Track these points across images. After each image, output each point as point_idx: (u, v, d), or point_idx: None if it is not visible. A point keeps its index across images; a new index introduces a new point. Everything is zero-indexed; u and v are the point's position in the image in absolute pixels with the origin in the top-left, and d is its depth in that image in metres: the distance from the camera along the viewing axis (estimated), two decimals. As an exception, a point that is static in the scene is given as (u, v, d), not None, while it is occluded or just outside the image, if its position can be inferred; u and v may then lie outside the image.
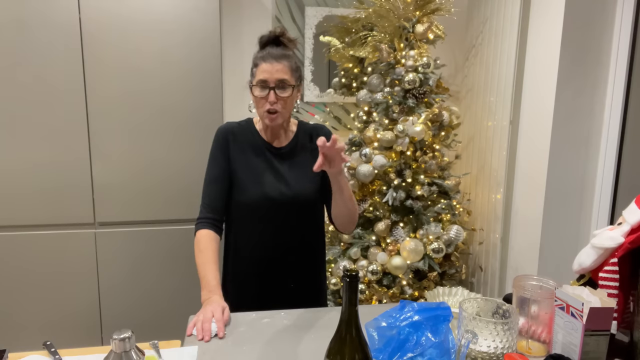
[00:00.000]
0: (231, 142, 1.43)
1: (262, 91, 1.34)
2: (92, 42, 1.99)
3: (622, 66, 1.95)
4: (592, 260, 1.09)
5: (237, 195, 1.42)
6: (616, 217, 2.02)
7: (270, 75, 1.32)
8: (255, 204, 1.39)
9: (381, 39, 2.27)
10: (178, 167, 2.14)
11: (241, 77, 2.58)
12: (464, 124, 2.70)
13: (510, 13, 2.25)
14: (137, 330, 2.13)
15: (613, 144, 2.00)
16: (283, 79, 1.33)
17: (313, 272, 1.51)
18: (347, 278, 0.76)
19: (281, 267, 1.43)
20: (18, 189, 2.04)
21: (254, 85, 1.36)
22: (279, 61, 1.33)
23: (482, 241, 2.55)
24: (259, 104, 1.36)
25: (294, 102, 1.41)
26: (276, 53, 1.35)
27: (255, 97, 1.36)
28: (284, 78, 1.33)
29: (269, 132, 1.44)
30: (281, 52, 1.37)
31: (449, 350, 0.94)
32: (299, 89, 1.42)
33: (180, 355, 1.05)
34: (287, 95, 1.35)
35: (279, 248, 1.43)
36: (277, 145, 1.45)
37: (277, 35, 1.40)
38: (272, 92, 1.33)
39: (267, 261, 1.42)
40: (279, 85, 1.33)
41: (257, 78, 1.35)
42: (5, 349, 1.05)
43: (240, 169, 1.42)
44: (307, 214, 1.45)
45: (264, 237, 1.42)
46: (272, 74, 1.32)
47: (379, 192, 2.26)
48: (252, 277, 1.43)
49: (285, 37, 1.41)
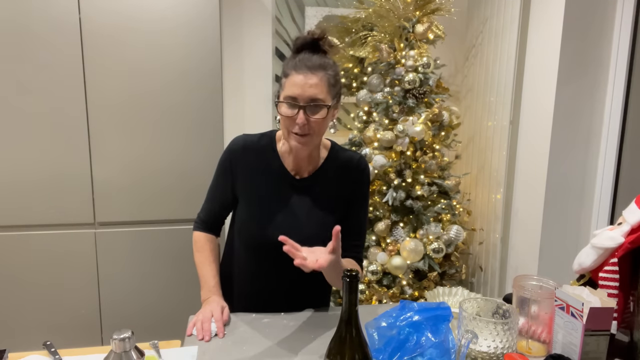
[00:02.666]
0: (242, 162, 1.23)
1: (291, 109, 1.11)
2: (92, 42, 1.99)
3: (622, 66, 1.95)
4: (592, 260, 1.09)
5: (239, 225, 1.28)
6: (616, 217, 2.02)
7: (301, 92, 1.08)
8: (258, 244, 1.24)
9: (381, 39, 2.27)
10: (178, 167, 2.13)
11: (241, 77, 2.58)
12: (464, 124, 2.70)
13: (510, 13, 2.25)
14: (137, 330, 2.12)
15: (613, 144, 2.00)
16: (317, 98, 1.09)
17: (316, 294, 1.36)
18: (347, 278, 0.76)
19: (282, 298, 1.31)
20: (18, 189, 2.04)
21: (281, 101, 1.12)
22: (314, 73, 1.09)
23: (482, 241, 2.55)
24: (285, 123, 1.13)
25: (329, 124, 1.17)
26: (312, 62, 1.11)
27: (281, 115, 1.13)
28: (318, 97, 1.09)
29: (293, 156, 1.22)
30: (318, 60, 1.12)
31: (449, 350, 0.94)
32: (336, 107, 1.18)
33: (180, 355, 1.05)
34: (320, 117, 1.11)
35: (281, 282, 1.29)
36: (299, 175, 1.24)
37: (315, 39, 1.15)
38: (302, 113, 1.09)
39: (268, 292, 1.31)
40: (311, 105, 1.10)
41: (285, 92, 1.11)
42: (5, 349, 1.05)
43: (246, 201, 1.24)
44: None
45: (265, 272, 1.29)
46: (304, 89, 1.08)
47: (379, 192, 2.26)
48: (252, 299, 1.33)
49: (326, 41, 1.16)
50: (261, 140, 1.26)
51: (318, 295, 1.37)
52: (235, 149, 1.25)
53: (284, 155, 1.24)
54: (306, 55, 1.13)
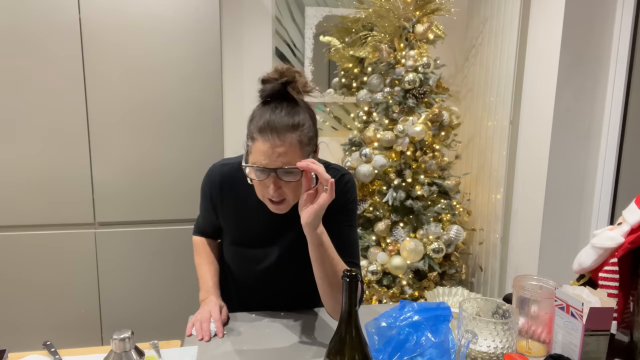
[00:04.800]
0: (222, 194, 1.18)
1: (261, 174, 0.99)
2: (92, 42, 1.99)
3: (622, 66, 1.95)
4: (592, 260, 1.09)
5: (226, 256, 1.28)
6: (616, 217, 2.02)
7: (269, 161, 0.97)
8: (246, 278, 1.27)
9: (381, 39, 2.27)
10: (178, 167, 2.13)
11: (241, 77, 2.57)
12: (464, 124, 2.70)
13: (510, 13, 2.25)
14: (137, 330, 2.13)
15: (613, 144, 2.00)
16: (288, 164, 0.97)
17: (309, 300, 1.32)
18: (347, 278, 0.76)
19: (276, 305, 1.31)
20: (18, 189, 2.04)
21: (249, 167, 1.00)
22: (282, 139, 0.96)
23: (482, 241, 2.55)
24: (258, 188, 1.05)
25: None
26: (280, 123, 0.97)
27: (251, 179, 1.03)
28: (290, 164, 0.97)
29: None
30: (287, 120, 0.98)
31: (449, 350, 0.94)
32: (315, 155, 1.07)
33: (180, 355, 1.05)
34: (294, 180, 1.00)
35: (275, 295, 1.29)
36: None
37: (283, 84, 1.00)
38: (274, 177, 0.99)
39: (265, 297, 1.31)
40: (282, 170, 0.98)
41: (252, 159, 1.00)
42: (5, 349, 1.05)
43: (231, 232, 1.22)
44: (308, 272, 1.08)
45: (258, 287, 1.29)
46: (272, 158, 0.96)
47: (379, 192, 2.26)
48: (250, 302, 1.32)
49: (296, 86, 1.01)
50: (239, 172, 1.16)
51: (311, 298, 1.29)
52: (213, 183, 1.20)
53: None
54: (274, 113, 0.99)
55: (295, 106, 1.02)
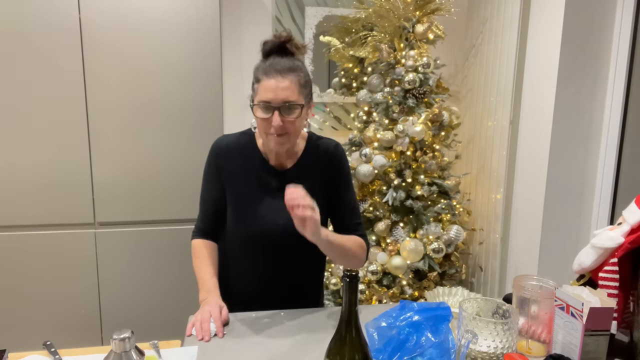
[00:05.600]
0: (225, 164, 1.29)
1: (266, 112, 1.16)
2: (92, 42, 1.99)
3: (622, 66, 1.95)
4: (592, 260, 1.09)
5: (230, 221, 1.32)
6: (616, 217, 2.02)
7: (274, 95, 1.13)
8: (250, 238, 1.29)
9: (381, 39, 2.27)
10: (178, 167, 2.14)
11: (241, 77, 2.57)
12: (464, 124, 2.70)
13: (510, 13, 2.25)
14: (137, 330, 2.12)
15: (613, 144, 2.00)
16: (290, 100, 1.14)
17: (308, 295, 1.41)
18: (347, 278, 0.76)
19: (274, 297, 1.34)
20: (18, 189, 2.04)
21: (255, 105, 1.17)
22: (284, 76, 1.14)
23: (482, 241, 2.55)
24: (262, 125, 1.19)
25: (304, 122, 1.23)
26: (281, 66, 1.15)
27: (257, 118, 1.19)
28: (290, 99, 1.14)
29: (272, 154, 1.28)
30: (288, 63, 1.16)
31: (449, 350, 0.94)
32: (309, 106, 1.23)
33: (180, 355, 1.05)
34: (295, 117, 1.16)
35: (274, 280, 1.33)
36: (281, 167, 1.29)
37: (282, 42, 1.20)
38: (277, 113, 1.14)
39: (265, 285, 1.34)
40: (285, 107, 1.15)
41: (258, 97, 1.16)
42: (5, 349, 1.05)
43: (234, 198, 1.29)
44: (309, 244, 1.18)
45: (258, 270, 1.33)
46: (276, 93, 1.13)
47: (379, 192, 2.26)
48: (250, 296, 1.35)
49: (293, 43, 1.21)
50: (241, 139, 1.31)
51: (313, 281, 1.42)
52: (219, 151, 1.30)
53: (265, 151, 1.30)
54: (275, 59, 1.18)
55: (293, 57, 1.21)
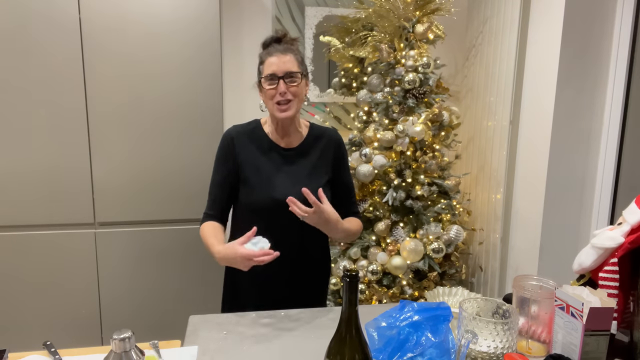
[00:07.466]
0: (238, 145, 1.45)
1: (272, 83, 1.36)
2: (92, 42, 1.99)
3: (622, 65, 1.95)
4: (592, 260, 1.09)
5: (244, 197, 1.43)
6: (616, 217, 2.02)
7: (278, 67, 1.35)
8: (264, 205, 1.40)
9: (381, 39, 2.27)
10: (178, 167, 2.13)
11: (241, 77, 2.57)
12: (464, 124, 2.70)
13: (510, 13, 2.25)
14: (137, 330, 2.12)
15: (613, 144, 2.00)
16: (291, 70, 1.36)
17: (316, 275, 1.53)
18: (347, 278, 0.76)
19: (283, 271, 1.40)
20: (18, 189, 2.04)
21: (263, 78, 1.38)
22: (285, 53, 1.37)
23: (482, 241, 2.55)
24: (269, 96, 1.38)
25: (304, 95, 1.43)
26: (281, 47, 1.40)
27: (265, 90, 1.38)
28: (292, 70, 1.36)
29: (279, 131, 1.45)
30: (287, 45, 1.42)
31: (449, 350, 0.94)
32: (307, 80, 1.45)
33: (180, 355, 1.05)
34: (297, 84, 1.37)
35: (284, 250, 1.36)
36: (287, 146, 1.46)
37: (279, 37, 1.46)
38: (282, 82, 1.35)
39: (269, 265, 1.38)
40: (287, 76, 1.36)
41: (265, 72, 1.38)
42: (5, 349, 1.05)
43: (248, 171, 1.43)
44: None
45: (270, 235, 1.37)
46: (279, 65, 1.35)
47: (379, 192, 2.26)
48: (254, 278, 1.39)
49: (287, 37, 1.46)
50: (249, 125, 1.50)
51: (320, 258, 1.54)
52: (230, 137, 1.46)
53: (272, 133, 1.46)
54: (274, 46, 1.41)
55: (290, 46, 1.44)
